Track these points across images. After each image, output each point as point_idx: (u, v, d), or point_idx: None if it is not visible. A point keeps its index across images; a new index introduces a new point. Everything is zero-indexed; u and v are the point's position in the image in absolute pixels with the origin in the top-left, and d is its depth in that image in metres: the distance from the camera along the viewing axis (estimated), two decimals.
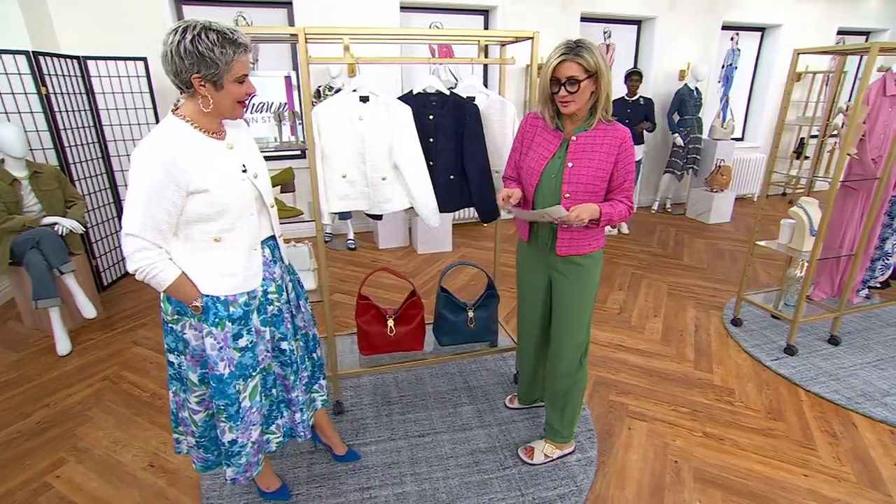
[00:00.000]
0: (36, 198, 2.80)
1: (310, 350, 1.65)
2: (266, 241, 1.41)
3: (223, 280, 1.29)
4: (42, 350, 2.73)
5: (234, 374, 1.33)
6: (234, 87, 1.21)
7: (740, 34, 5.90)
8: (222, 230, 1.26)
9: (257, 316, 1.38)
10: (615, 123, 1.57)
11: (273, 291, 1.42)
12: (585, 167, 1.53)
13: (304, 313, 1.61)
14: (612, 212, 1.57)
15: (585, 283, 1.68)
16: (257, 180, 1.34)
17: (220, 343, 1.30)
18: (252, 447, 1.43)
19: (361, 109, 1.98)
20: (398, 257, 4.21)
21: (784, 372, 2.46)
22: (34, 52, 2.95)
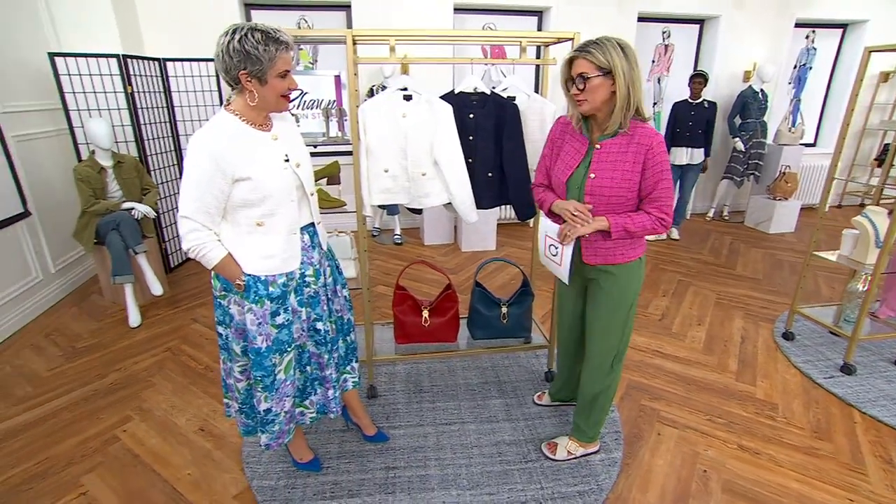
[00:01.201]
0: (118, 185, 3.12)
1: (344, 332, 1.75)
2: (306, 228, 1.52)
3: (264, 261, 1.40)
4: (117, 321, 3.04)
5: (271, 349, 1.46)
6: (277, 81, 1.32)
7: (817, 32, 5.53)
8: (264, 215, 1.37)
9: (294, 296, 1.50)
10: (643, 125, 1.49)
11: (310, 275, 1.53)
12: (608, 178, 1.49)
13: (340, 298, 1.71)
14: (629, 223, 1.50)
15: (618, 292, 1.64)
16: (299, 169, 1.45)
17: (259, 319, 1.42)
18: (285, 416, 1.56)
19: (405, 107, 2.07)
20: (442, 254, 4.30)
21: (838, 391, 2.31)
22: (123, 56, 3.29)
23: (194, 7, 4.09)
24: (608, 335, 1.72)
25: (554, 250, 1.58)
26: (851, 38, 5.61)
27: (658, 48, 5.24)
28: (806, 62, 5.65)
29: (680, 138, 4.44)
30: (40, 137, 3.27)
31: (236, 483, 1.80)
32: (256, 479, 1.81)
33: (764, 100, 4.85)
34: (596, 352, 1.75)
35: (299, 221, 1.48)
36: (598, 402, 1.82)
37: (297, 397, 1.64)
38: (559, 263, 1.61)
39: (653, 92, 5.39)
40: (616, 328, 1.70)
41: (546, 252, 1.65)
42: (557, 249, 1.57)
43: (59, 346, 2.75)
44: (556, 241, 1.56)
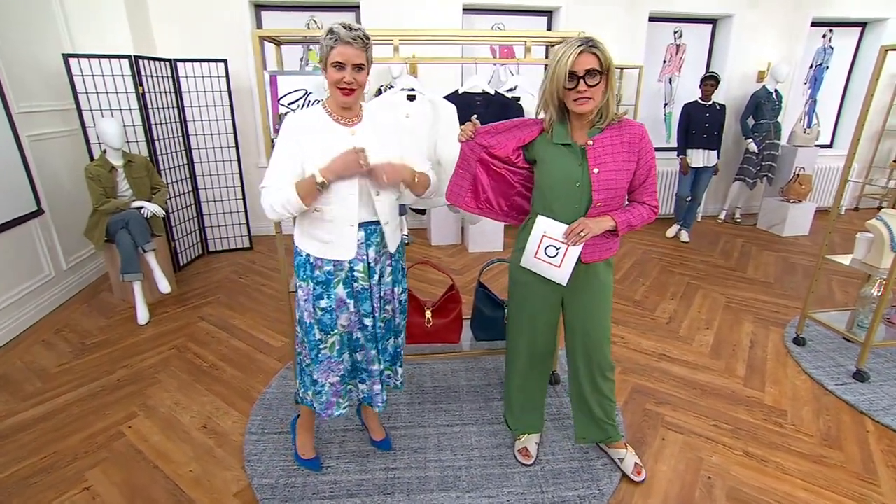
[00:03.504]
0: (128, 184, 3.16)
1: (395, 333, 1.76)
2: (366, 224, 1.52)
3: (314, 243, 1.52)
4: (126, 318, 3.08)
5: (313, 325, 1.58)
6: (332, 71, 1.39)
7: (834, 31, 5.42)
8: (323, 202, 1.45)
9: (343, 287, 1.55)
10: (627, 120, 1.52)
11: (360, 271, 1.55)
12: (612, 170, 1.49)
13: (395, 301, 1.70)
14: (631, 218, 1.53)
15: (609, 286, 1.69)
16: None
17: (305, 296, 1.57)
18: (331, 388, 1.66)
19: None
20: (449, 255, 4.29)
21: (850, 398, 2.26)
22: (135, 56, 3.34)
23: (205, 8, 4.14)
24: (607, 330, 1.73)
25: (553, 251, 1.56)
26: (870, 37, 5.49)
27: (669, 48, 5.18)
28: (822, 62, 5.54)
29: (696, 140, 4.37)
30: (53, 137, 3.33)
31: (237, 481, 1.81)
32: (257, 478, 1.82)
33: (778, 100, 4.77)
34: (603, 349, 1.73)
35: (359, 217, 1.49)
36: (613, 395, 1.82)
37: (348, 376, 1.71)
38: (558, 265, 1.58)
39: (664, 93, 5.32)
40: (609, 321, 1.73)
41: (539, 253, 1.58)
42: (558, 250, 1.55)
43: (69, 343, 2.79)
44: (558, 242, 1.53)
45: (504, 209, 1.77)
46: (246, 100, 4.39)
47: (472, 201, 1.74)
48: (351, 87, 1.41)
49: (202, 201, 4.17)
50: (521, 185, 1.73)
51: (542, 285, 1.67)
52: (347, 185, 1.44)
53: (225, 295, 3.44)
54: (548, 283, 1.65)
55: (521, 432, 1.96)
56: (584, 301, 1.69)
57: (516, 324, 1.81)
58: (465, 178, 1.70)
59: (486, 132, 1.61)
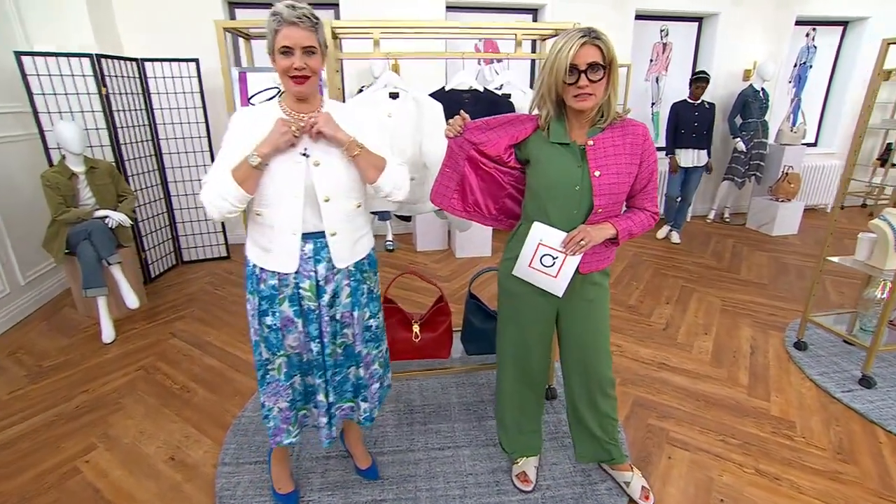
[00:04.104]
0: (91, 192, 2.94)
1: (357, 363, 1.56)
2: (315, 236, 1.36)
3: (256, 251, 1.38)
4: (89, 337, 2.86)
5: (259, 343, 1.44)
6: (279, 58, 1.24)
7: (817, 30, 5.42)
8: (262, 205, 1.31)
9: (289, 305, 1.39)
10: (629, 119, 1.40)
11: (306, 289, 1.38)
12: (614, 174, 1.36)
13: (356, 325, 1.50)
14: (632, 226, 1.42)
15: (606, 295, 1.56)
16: (316, 169, 1.32)
17: (251, 310, 1.43)
18: (279, 414, 1.51)
19: (391, 106, 1.92)
20: (435, 260, 4.14)
21: (858, 406, 2.16)
22: (97, 55, 3.12)
23: (175, 4, 3.93)
24: (605, 343, 1.60)
25: (550, 261, 1.42)
26: (852, 36, 5.50)
27: (656, 46, 5.12)
28: (806, 60, 5.54)
29: (685, 140, 4.30)
30: (8, 142, 3.09)
31: None
32: None
33: (765, 99, 4.73)
34: (601, 365, 1.60)
35: (303, 225, 1.33)
36: (615, 413, 1.69)
37: (300, 401, 1.56)
38: (554, 276, 1.43)
39: (651, 92, 5.26)
40: (608, 334, 1.60)
41: (534, 263, 1.44)
42: (555, 260, 1.41)
43: (23, 366, 2.56)
44: (555, 250, 1.39)
45: (492, 213, 1.63)
46: (220, 101, 4.17)
47: (459, 203, 1.59)
48: (303, 74, 1.25)
49: (175, 209, 3.95)
50: (512, 187, 1.59)
51: (535, 296, 1.53)
52: (291, 186, 1.29)
53: (199, 308, 3.24)
54: (542, 294, 1.51)
55: (519, 455, 1.81)
56: (580, 313, 1.55)
57: (507, 338, 1.66)
58: (451, 178, 1.55)
59: (476, 128, 1.46)
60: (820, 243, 4.52)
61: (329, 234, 1.36)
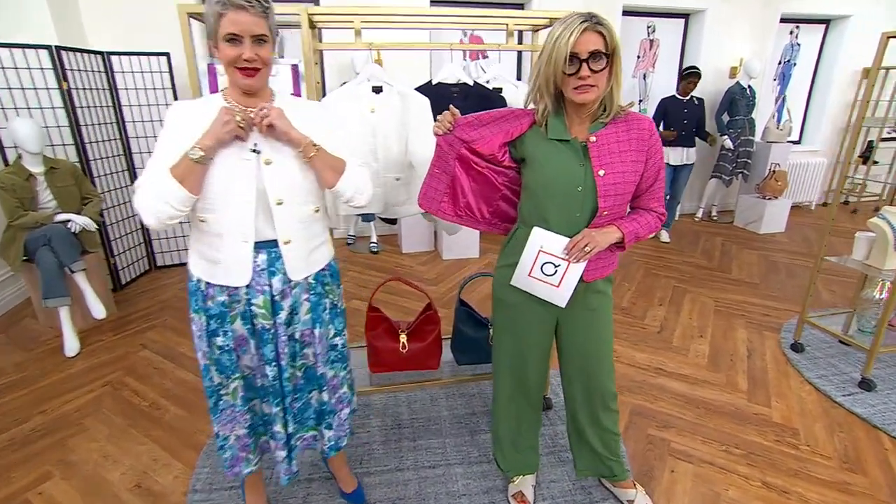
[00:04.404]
0: (51, 194, 2.74)
1: (320, 387, 1.41)
2: (268, 246, 1.21)
3: (202, 263, 1.22)
4: (51, 350, 2.66)
5: (209, 367, 1.28)
6: (224, 47, 1.09)
7: (801, 27, 5.43)
8: (207, 209, 1.15)
9: (241, 323, 1.24)
10: (633, 113, 1.29)
11: (259, 305, 1.23)
12: (619, 172, 1.25)
13: (319, 345, 1.35)
14: (638, 229, 1.31)
15: (609, 303, 1.46)
16: (268, 168, 1.17)
17: (198, 331, 1.26)
18: (237, 442, 1.36)
19: (374, 101, 1.78)
20: (421, 263, 4.01)
21: (860, 411, 2.10)
22: (56, 47, 2.91)
23: None
24: (608, 354, 1.50)
25: (552, 269, 1.30)
26: (834, 34, 5.53)
27: (643, 43, 5.06)
28: (790, 58, 5.55)
29: None
30: None
31: None
32: None
33: (752, 96, 4.70)
34: (603, 378, 1.50)
35: (254, 232, 1.18)
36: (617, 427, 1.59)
37: (260, 426, 1.40)
38: (556, 285, 1.32)
39: (638, 89, 5.20)
40: (611, 345, 1.50)
41: (534, 271, 1.32)
42: (557, 268, 1.29)
43: None
44: (557, 258, 1.28)
45: (486, 216, 1.51)
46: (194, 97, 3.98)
47: (449, 207, 1.47)
48: (254, 67, 1.11)
49: None
50: (507, 188, 1.47)
51: (534, 306, 1.41)
52: (240, 187, 1.14)
53: (172, 316, 3.05)
54: (541, 304, 1.39)
55: (515, 473, 1.69)
56: (582, 322, 1.44)
57: (503, 352, 1.54)
58: (441, 180, 1.42)
59: (467, 124, 1.34)
60: (807, 241, 4.53)
61: (282, 243, 1.21)
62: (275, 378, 1.30)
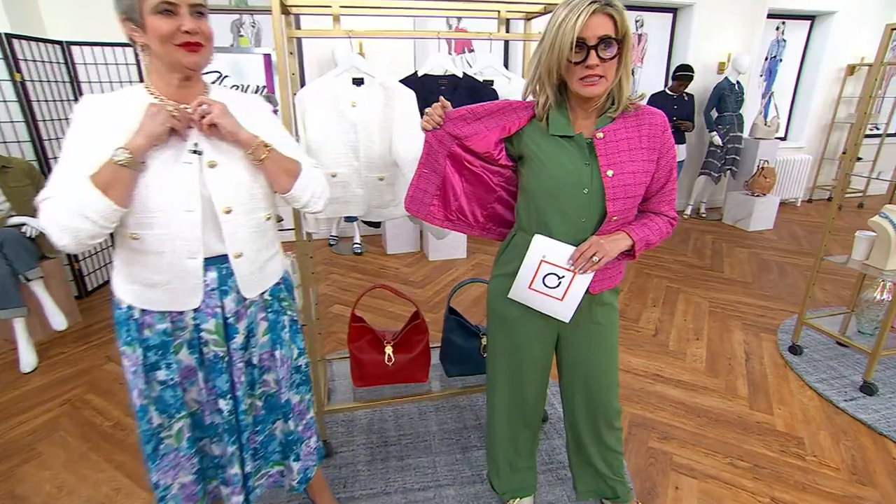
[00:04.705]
0: (4, 195, 2.52)
1: (285, 416, 1.26)
2: (218, 262, 1.06)
3: (135, 288, 1.03)
4: (4, 366, 2.45)
5: (147, 408, 1.07)
6: (155, 20, 0.91)
7: (786, 23, 5.41)
8: (141, 224, 0.97)
9: (188, 352, 1.07)
10: (645, 107, 1.17)
11: (211, 330, 1.07)
12: (629, 173, 1.12)
13: (280, 368, 1.21)
14: (650, 235, 1.19)
15: (613, 318, 1.33)
16: (212, 172, 1.01)
17: (132, 366, 1.06)
18: (181, 491, 1.17)
19: (355, 94, 1.63)
20: (407, 264, 3.86)
21: (864, 417, 2.03)
22: (7, 35, 2.69)
23: None
24: (614, 371, 1.37)
25: (555, 281, 1.17)
26: (819, 30, 5.52)
27: None
28: (776, 54, 5.53)
29: None
30: None
31: None
32: None
33: (741, 92, 4.66)
34: (608, 395, 1.38)
35: (203, 247, 1.02)
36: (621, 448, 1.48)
37: (211, 470, 1.22)
38: (560, 298, 1.19)
39: None
40: (616, 360, 1.38)
41: (535, 283, 1.19)
42: (561, 279, 1.17)
43: None
44: (562, 269, 1.15)
45: (480, 221, 1.38)
46: None
47: (440, 211, 1.33)
48: (197, 41, 0.95)
49: None
50: (503, 190, 1.34)
51: (534, 321, 1.29)
52: (182, 195, 0.97)
53: None
54: (542, 318, 1.27)
55: (512, 497, 1.57)
56: (586, 337, 1.32)
57: (499, 367, 1.41)
58: (430, 181, 1.29)
59: (459, 118, 1.20)
60: (795, 238, 4.50)
61: (233, 257, 1.06)
62: (230, 412, 1.14)
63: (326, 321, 2.89)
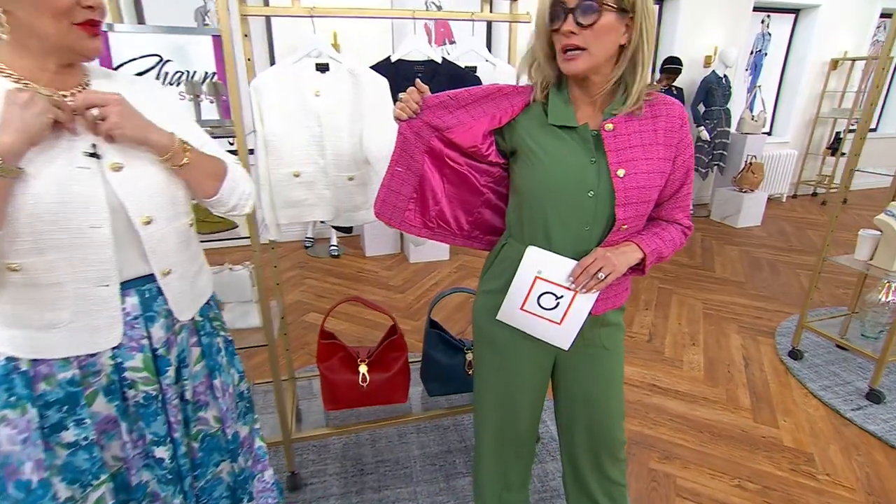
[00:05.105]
0: None
1: (232, 454, 1.06)
2: (133, 283, 0.86)
3: (29, 334, 0.79)
4: None
5: (48, 483, 0.82)
6: None
7: (771, 17, 5.34)
8: (22, 250, 0.74)
9: (105, 400, 0.86)
10: (660, 96, 0.99)
11: (139, 368, 0.87)
12: (644, 173, 0.94)
13: (223, 399, 1.02)
14: (662, 247, 1.01)
15: (619, 340, 1.15)
16: (119, 175, 0.80)
17: (22, 434, 0.79)
18: None
19: (318, 82, 1.43)
20: (386, 267, 3.66)
21: (874, 428, 1.91)
22: None
23: None
24: (619, 400, 1.19)
25: (552, 301, 0.99)
26: (804, 24, 5.47)
27: None
28: (762, 48, 5.46)
29: None
30: None
31: None
32: None
33: (728, 85, 4.56)
34: (612, 425, 1.21)
35: (120, 271, 0.82)
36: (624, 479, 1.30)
37: None
38: (558, 322, 1.01)
39: None
40: (622, 388, 1.20)
41: (528, 304, 1.00)
42: (559, 300, 0.98)
43: None
44: (560, 287, 0.97)
45: (464, 228, 1.19)
46: None
47: (416, 217, 1.14)
48: (97, 18, 0.75)
49: None
50: (491, 191, 1.15)
51: (526, 346, 1.10)
52: (82, 209, 0.76)
53: None
54: (537, 342, 1.09)
55: None
56: (588, 362, 1.14)
57: (486, 394, 1.23)
58: (405, 182, 1.09)
59: (439, 105, 1.01)
60: (784, 235, 4.43)
61: (161, 275, 0.86)
62: (171, 459, 0.94)
63: (299, 331, 2.68)
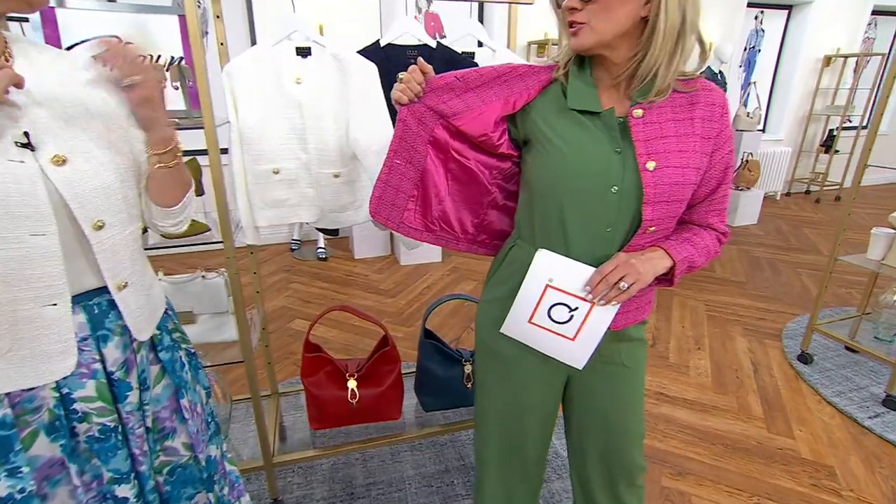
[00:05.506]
0: None
1: (198, 488, 0.91)
2: (80, 299, 0.71)
3: None
4: None
5: None
6: None
7: (765, 13, 5.29)
8: None
9: (49, 440, 0.71)
10: (701, 81, 0.85)
11: (92, 398, 0.72)
12: (677, 167, 0.81)
13: (194, 422, 0.88)
14: (695, 254, 0.88)
15: (644, 359, 1.03)
16: (63, 171, 0.65)
17: None
18: None
19: (299, 67, 1.28)
20: (376, 270, 3.51)
21: (895, 438, 1.81)
22: None
23: None
24: (640, 424, 1.07)
25: (565, 314, 0.86)
26: (797, 20, 5.42)
27: None
28: (755, 45, 5.41)
29: None
30: None
31: None
32: None
33: (723, 81, 4.47)
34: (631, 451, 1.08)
35: (64, 283, 0.67)
36: None
37: None
38: (571, 337, 0.88)
39: None
40: (642, 411, 1.07)
41: (537, 316, 0.87)
42: (574, 312, 0.85)
43: None
44: (576, 297, 0.84)
45: (469, 231, 1.05)
46: None
47: (417, 218, 1.00)
48: None
49: None
50: (500, 189, 1.02)
51: (535, 363, 0.98)
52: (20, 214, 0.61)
53: None
54: (546, 359, 0.96)
55: None
56: (606, 381, 1.01)
57: (490, 415, 1.09)
58: (405, 176, 0.95)
59: (445, 87, 0.87)
60: (781, 233, 4.36)
61: (116, 289, 0.73)
62: (138, 497, 0.80)
63: (284, 340, 2.53)
